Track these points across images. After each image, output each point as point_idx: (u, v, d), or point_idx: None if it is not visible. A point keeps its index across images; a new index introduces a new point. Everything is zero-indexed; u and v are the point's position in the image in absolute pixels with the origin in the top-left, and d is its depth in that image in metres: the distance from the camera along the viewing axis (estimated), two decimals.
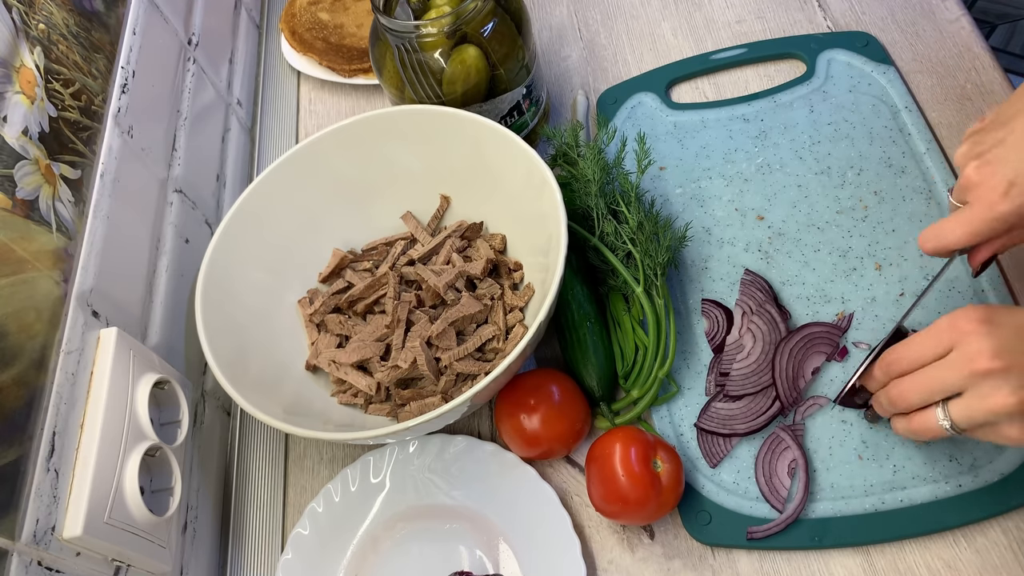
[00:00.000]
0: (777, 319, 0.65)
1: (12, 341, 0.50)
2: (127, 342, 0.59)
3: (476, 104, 0.72)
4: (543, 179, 0.64)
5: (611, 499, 0.58)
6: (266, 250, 0.71)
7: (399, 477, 0.65)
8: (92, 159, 0.62)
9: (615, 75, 0.85)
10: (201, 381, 0.71)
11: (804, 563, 0.58)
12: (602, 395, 0.65)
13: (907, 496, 0.57)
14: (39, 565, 0.48)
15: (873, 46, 0.78)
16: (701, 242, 0.72)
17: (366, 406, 0.67)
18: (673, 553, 0.60)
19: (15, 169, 0.54)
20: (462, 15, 0.67)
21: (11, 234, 0.52)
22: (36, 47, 0.59)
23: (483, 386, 0.56)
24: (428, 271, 0.70)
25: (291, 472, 0.70)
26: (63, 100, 0.60)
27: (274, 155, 0.90)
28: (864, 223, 0.69)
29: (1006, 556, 0.55)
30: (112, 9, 0.70)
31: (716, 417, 0.63)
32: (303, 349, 0.71)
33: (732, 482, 0.61)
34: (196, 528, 0.65)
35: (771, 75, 0.81)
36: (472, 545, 0.62)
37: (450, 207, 0.75)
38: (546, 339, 0.70)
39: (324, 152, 0.72)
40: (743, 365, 0.64)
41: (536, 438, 0.63)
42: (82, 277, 0.57)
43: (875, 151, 0.72)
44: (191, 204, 0.75)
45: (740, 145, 0.76)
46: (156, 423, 0.60)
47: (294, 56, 0.93)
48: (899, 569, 0.56)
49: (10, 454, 0.48)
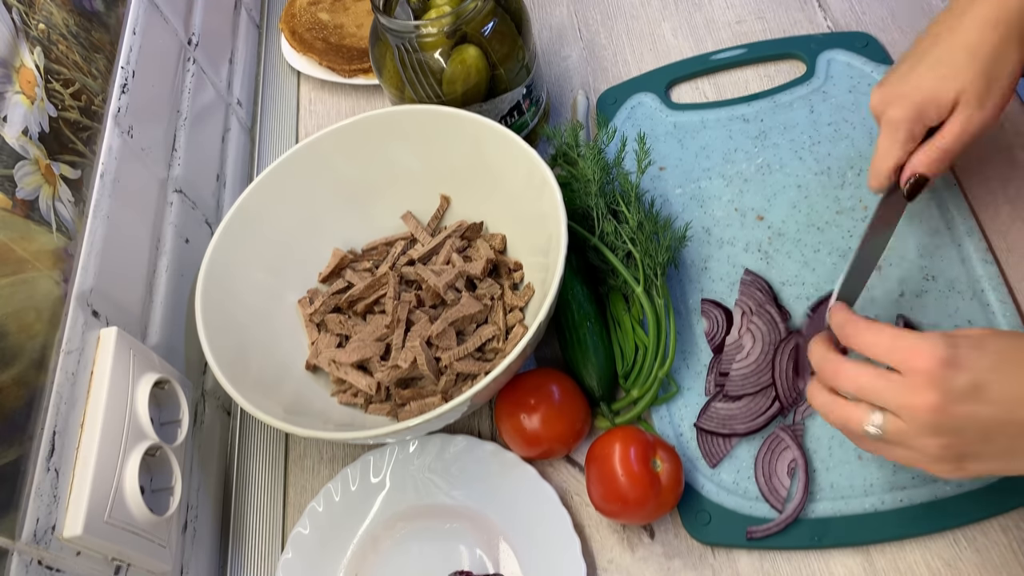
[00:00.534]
0: (777, 319, 0.65)
1: (12, 341, 0.50)
2: (127, 342, 0.59)
3: (476, 104, 0.72)
4: (543, 179, 0.64)
5: (611, 498, 0.58)
6: (266, 250, 0.71)
7: (399, 477, 0.65)
8: (92, 159, 0.62)
9: (615, 75, 0.85)
10: (201, 381, 0.71)
11: (804, 562, 0.58)
12: (602, 395, 0.65)
13: (907, 496, 0.57)
14: (39, 564, 0.48)
15: (873, 46, 0.78)
16: (701, 242, 0.72)
17: (366, 406, 0.67)
18: (673, 552, 0.60)
19: (15, 169, 0.54)
20: (462, 15, 0.67)
21: (11, 234, 0.52)
22: (36, 47, 0.59)
23: (483, 386, 0.56)
24: (428, 271, 0.70)
25: (291, 472, 0.71)
26: (63, 100, 0.60)
27: (274, 155, 0.90)
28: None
29: (1006, 556, 0.55)
30: (112, 9, 0.70)
31: (716, 417, 0.63)
32: (303, 349, 0.71)
33: (732, 482, 0.61)
34: (196, 528, 0.65)
35: (771, 75, 0.81)
36: (472, 544, 0.62)
37: (450, 207, 0.75)
38: (546, 339, 0.70)
39: (324, 152, 0.72)
40: (742, 365, 0.64)
41: (536, 438, 0.63)
42: (82, 277, 0.57)
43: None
44: (191, 204, 0.75)
45: (740, 145, 0.76)
46: (156, 423, 0.60)
47: (294, 56, 0.93)
48: (899, 568, 0.56)
49: (10, 454, 0.48)
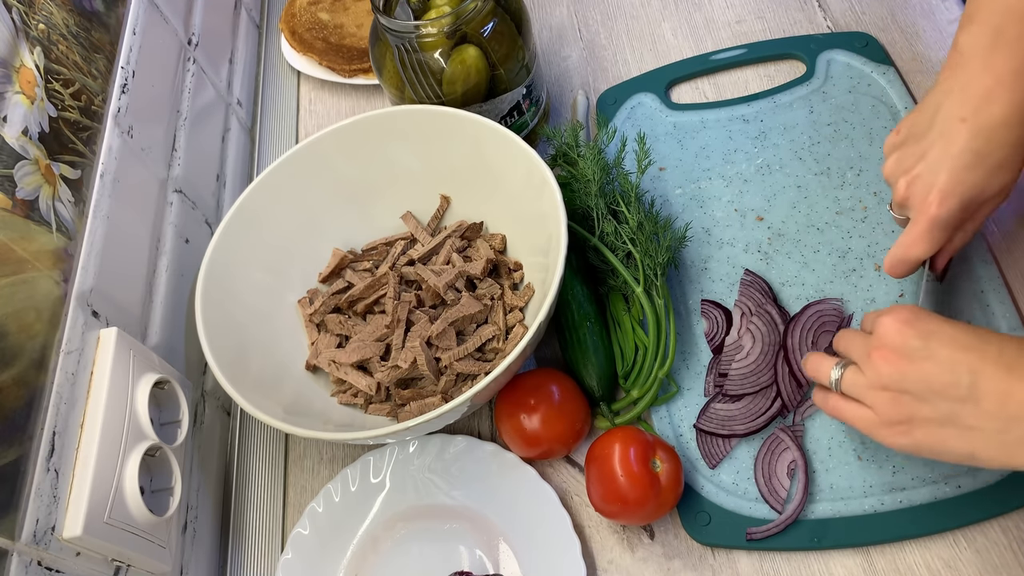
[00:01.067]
0: (776, 320, 0.65)
1: (12, 341, 0.50)
2: (127, 342, 0.59)
3: (476, 104, 0.72)
4: (543, 179, 0.64)
5: (610, 499, 0.58)
6: (266, 250, 0.71)
7: (399, 477, 0.65)
8: (92, 159, 0.62)
9: (615, 75, 0.85)
10: (201, 381, 0.71)
11: (804, 563, 0.58)
12: (602, 395, 0.65)
13: (907, 497, 0.57)
14: (39, 565, 0.48)
15: (873, 46, 0.78)
16: (701, 243, 0.72)
17: (366, 406, 0.67)
18: (673, 553, 0.60)
19: (15, 169, 0.54)
20: (462, 15, 0.67)
21: (11, 234, 0.52)
22: (36, 47, 0.59)
23: (483, 386, 0.56)
24: (428, 271, 0.70)
25: (291, 472, 0.71)
26: (63, 100, 0.60)
27: (274, 155, 0.90)
28: (864, 224, 0.69)
29: (1006, 556, 0.55)
30: (112, 9, 0.70)
31: (715, 418, 0.63)
32: (303, 349, 0.71)
33: (731, 483, 0.61)
34: (196, 528, 0.65)
35: (771, 75, 0.81)
36: (472, 545, 0.62)
37: (450, 207, 0.75)
38: (546, 339, 0.70)
39: (324, 152, 0.72)
40: (742, 365, 0.64)
41: (536, 438, 0.63)
42: (82, 277, 0.57)
43: (875, 152, 0.72)
44: (191, 204, 0.75)
45: (740, 146, 0.76)
46: (156, 423, 0.60)
47: (294, 56, 0.93)
48: (899, 569, 0.56)
49: (10, 454, 0.48)
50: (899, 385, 0.49)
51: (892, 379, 0.49)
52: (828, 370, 0.54)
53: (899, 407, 0.49)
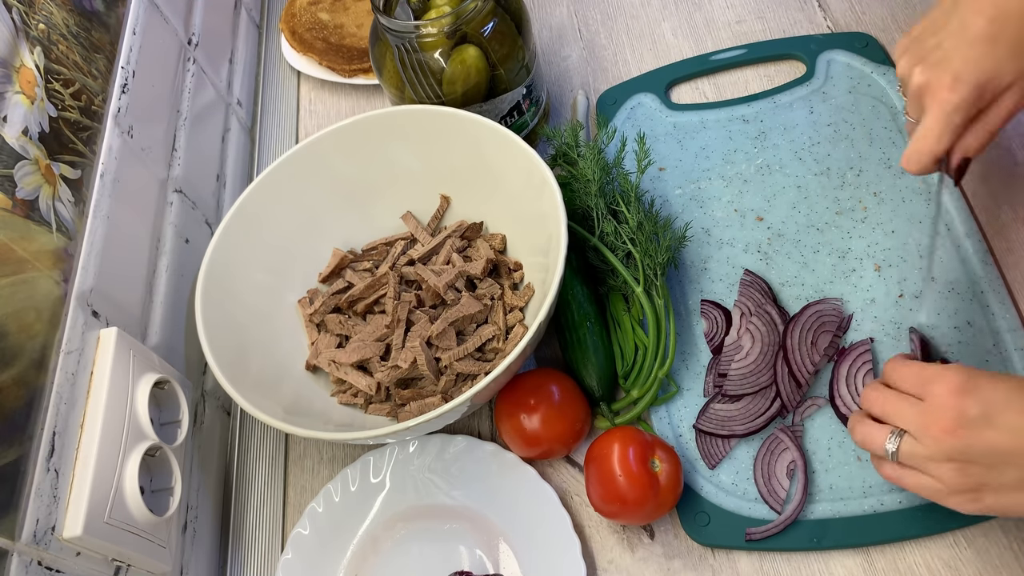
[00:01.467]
0: (776, 320, 0.65)
1: (12, 341, 0.50)
2: (127, 342, 0.59)
3: (476, 104, 0.72)
4: (543, 179, 0.64)
5: (609, 499, 0.58)
6: (266, 250, 0.71)
7: (399, 477, 0.65)
8: (92, 159, 0.62)
9: (615, 75, 0.85)
10: (201, 381, 0.71)
11: (804, 563, 0.58)
12: (602, 395, 0.65)
13: (906, 497, 0.57)
14: (39, 565, 0.48)
15: (873, 47, 0.78)
16: (700, 243, 0.72)
17: (366, 406, 0.67)
18: (673, 553, 0.60)
19: (15, 169, 0.54)
20: (462, 15, 0.67)
21: (11, 234, 0.52)
22: (36, 47, 0.59)
23: (483, 386, 0.56)
24: (428, 271, 0.70)
25: (291, 472, 0.71)
26: (63, 100, 0.60)
27: (274, 155, 0.90)
28: (863, 224, 0.69)
29: (1006, 556, 0.55)
30: (112, 9, 0.70)
31: (715, 418, 0.63)
32: (303, 349, 0.71)
33: (731, 483, 0.61)
34: (196, 528, 0.65)
35: (771, 76, 0.81)
36: (472, 545, 0.62)
37: (450, 207, 0.75)
38: (546, 339, 0.70)
39: (324, 152, 0.72)
40: (741, 365, 0.64)
41: (536, 438, 0.63)
42: (82, 277, 0.57)
43: (875, 152, 0.72)
44: (191, 204, 0.75)
45: (740, 146, 0.76)
46: (156, 423, 0.60)
47: (294, 56, 0.93)
48: (899, 569, 0.56)
49: (10, 454, 0.48)
50: (964, 456, 0.47)
51: (957, 450, 0.47)
52: (881, 442, 0.51)
53: (967, 477, 0.48)
